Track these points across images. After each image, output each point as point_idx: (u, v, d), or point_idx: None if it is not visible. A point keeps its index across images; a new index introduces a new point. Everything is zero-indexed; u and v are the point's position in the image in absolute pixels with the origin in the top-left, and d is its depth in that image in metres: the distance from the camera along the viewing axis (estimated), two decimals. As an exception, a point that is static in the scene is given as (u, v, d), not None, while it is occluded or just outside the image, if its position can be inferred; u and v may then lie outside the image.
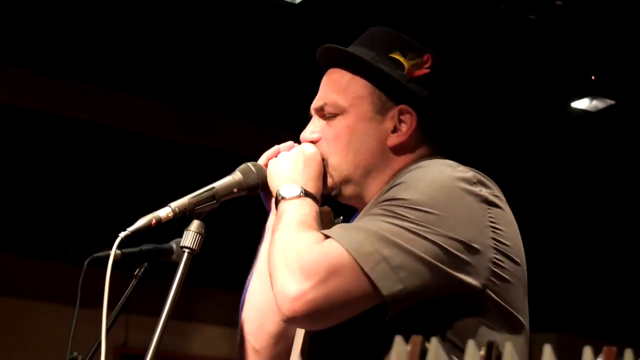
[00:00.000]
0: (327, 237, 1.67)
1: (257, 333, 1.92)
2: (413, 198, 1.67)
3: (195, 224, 1.80)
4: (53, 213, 6.48)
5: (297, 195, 1.79)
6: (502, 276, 1.69)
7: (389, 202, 1.69)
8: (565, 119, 5.80)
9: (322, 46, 1.91)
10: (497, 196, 1.74)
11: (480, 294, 1.67)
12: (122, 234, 1.73)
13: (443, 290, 1.65)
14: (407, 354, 1.01)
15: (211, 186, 1.84)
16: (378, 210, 1.70)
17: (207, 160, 5.77)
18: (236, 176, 1.88)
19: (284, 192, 1.80)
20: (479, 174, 1.75)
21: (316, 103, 1.91)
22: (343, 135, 1.86)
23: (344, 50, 1.89)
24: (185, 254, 1.78)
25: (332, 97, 1.88)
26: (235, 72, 5.58)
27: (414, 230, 1.64)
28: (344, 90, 1.87)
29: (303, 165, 1.84)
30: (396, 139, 1.85)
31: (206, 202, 1.82)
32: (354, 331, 1.68)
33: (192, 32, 5.21)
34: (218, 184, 1.85)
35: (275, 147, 1.93)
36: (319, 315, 1.64)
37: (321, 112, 1.90)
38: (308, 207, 1.78)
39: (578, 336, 6.88)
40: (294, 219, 1.74)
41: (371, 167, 1.85)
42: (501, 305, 1.69)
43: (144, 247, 1.86)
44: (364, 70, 1.87)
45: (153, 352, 1.69)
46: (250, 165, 1.90)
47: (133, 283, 1.87)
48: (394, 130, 1.86)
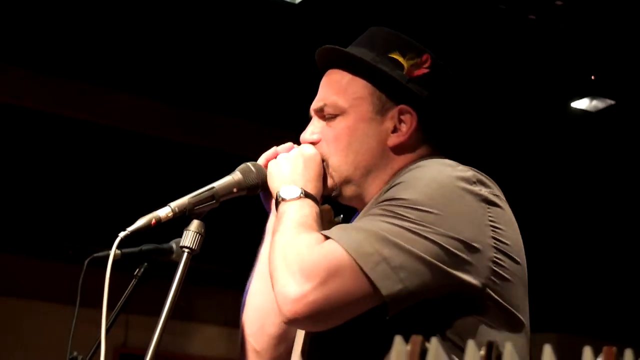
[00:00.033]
0: (328, 238, 1.67)
1: (258, 334, 1.92)
2: (412, 198, 1.67)
3: (195, 224, 1.80)
4: (53, 213, 6.48)
5: (297, 196, 1.79)
6: (502, 275, 1.69)
7: (389, 202, 1.69)
8: (565, 119, 5.79)
9: (321, 47, 1.91)
10: (497, 195, 1.74)
11: (480, 293, 1.67)
12: (122, 234, 1.73)
13: (443, 289, 1.65)
14: (407, 354, 1.01)
15: (211, 186, 1.84)
16: (378, 210, 1.70)
17: (207, 160, 5.76)
18: (236, 176, 1.88)
19: (284, 194, 1.80)
20: (479, 173, 1.75)
21: (316, 104, 1.91)
22: (343, 136, 1.86)
23: (344, 51, 1.89)
24: (185, 254, 1.78)
25: (332, 98, 1.88)
26: (235, 72, 5.58)
27: (414, 230, 1.64)
28: (344, 91, 1.87)
29: (303, 166, 1.84)
30: (396, 139, 1.85)
31: (206, 202, 1.82)
32: (354, 331, 1.68)
33: (192, 32, 5.20)
34: (218, 184, 1.85)
35: (273, 149, 1.93)
36: (320, 316, 1.64)
37: (321, 113, 1.90)
38: (308, 208, 1.77)
39: (578, 336, 6.88)
40: (294, 220, 1.74)
41: (371, 167, 1.85)
42: (501, 304, 1.69)
43: (144, 247, 1.86)
44: (364, 70, 1.87)
45: (153, 352, 1.69)
46: (249, 165, 1.90)
47: (133, 283, 1.86)
48: (394, 130, 1.85)
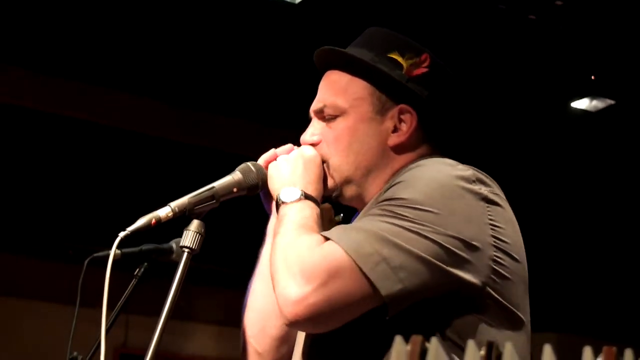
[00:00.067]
0: (328, 239, 1.67)
1: (260, 336, 1.92)
2: (412, 197, 1.67)
3: (195, 224, 1.80)
4: (53, 213, 6.48)
5: (298, 198, 1.79)
6: (502, 274, 1.69)
7: (388, 202, 1.69)
8: (565, 119, 5.79)
9: (320, 48, 1.91)
10: (497, 194, 1.74)
11: (480, 292, 1.67)
12: (122, 234, 1.73)
13: (443, 288, 1.65)
14: (407, 354, 1.01)
15: (211, 186, 1.84)
16: (377, 210, 1.70)
17: (207, 160, 5.76)
18: (236, 176, 1.88)
19: (284, 197, 1.80)
20: (479, 172, 1.74)
21: (315, 105, 1.91)
22: (344, 136, 1.86)
23: (342, 51, 1.89)
24: (185, 254, 1.78)
25: (332, 99, 1.88)
26: (235, 72, 5.58)
27: (413, 229, 1.64)
28: (344, 91, 1.87)
29: (303, 168, 1.84)
30: (397, 139, 1.85)
31: (206, 202, 1.82)
32: (354, 331, 1.68)
33: (192, 32, 5.20)
34: (218, 184, 1.85)
35: (272, 151, 1.92)
36: (321, 318, 1.64)
37: (321, 114, 1.90)
38: (308, 210, 1.77)
39: (578, 336, 6.88)
40: (295, 223, 1.74)
41: (372, 167, 1.85)
42: (501, 302, 1.69)
43: (144, 247, 1.86)
44: (363, 71, 1.86)
45: (153, 352, 1.69)
46: (249, 164, 1.90)
47: (133, 283, 1.86)
48: (395, 129, 1.85)
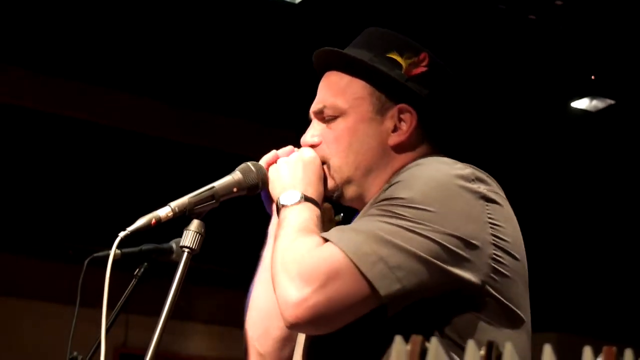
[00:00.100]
0: (327, 241, 1.67)
1: (262, 338, 1.92)
2: (410, 196, 1.67)
3: (195, 224, 1.80)
4: (53, 213, 6.48)
5: (297, 201, 1.79)
6: (502, 272, 1.69)
7: (387, 202, 1.69)
8: (565, 119, 5.79)
9: (318, 50, 1.91)
10: (496, 192, 1.73)
11: (479, 290, 1.66)
12: (122, 234, 1.73)
13: (442, 287, 1.64)
14: (407, 354, 1.01)
15: (211, 186, 1.84)
16: (376, 210, 1.70)
17: (207, 160, 5.77)
18: (236, 176, 1.87)
19: (284, 200, 1.80)
20: (478, 171, 1.74)
21: (315, 106, 1.91)
22: (344, 137, 1.85)
23: (341, 52, 1.89)
24: (185, 254, 1.78)
25: (332, 100, 1.88)
26: (235, 72, 5.58)
27: (412, 228, 1.64)
28: (343, 92, 1.87)
29: (302, 170, 1.84)
30: (397, 138, 1.85)
31: (206, 202, 1.82)
32: (354, 331, 1.68)
33: (192, 32, 5.20)
34: (218, 184, 1.85)
35: (273, 152, 1.92)
36: (322, 319, 1.64)
37: (320, 115, 1.90)
38: (308, 212, 1.78)
39: (578, 336, 6.88)
40: (295, 225, 1.74)
41: (372, 167, 1.85)
42: (501, 301, 1.69)
43: (144, 247, 1.86)
44: (362, 71, 1.86)
45: (153, 352, 1.69)
46: (250, 164, 1.90)
47: (133, 283, 1.86)
48: (395, 129, 1.85)
